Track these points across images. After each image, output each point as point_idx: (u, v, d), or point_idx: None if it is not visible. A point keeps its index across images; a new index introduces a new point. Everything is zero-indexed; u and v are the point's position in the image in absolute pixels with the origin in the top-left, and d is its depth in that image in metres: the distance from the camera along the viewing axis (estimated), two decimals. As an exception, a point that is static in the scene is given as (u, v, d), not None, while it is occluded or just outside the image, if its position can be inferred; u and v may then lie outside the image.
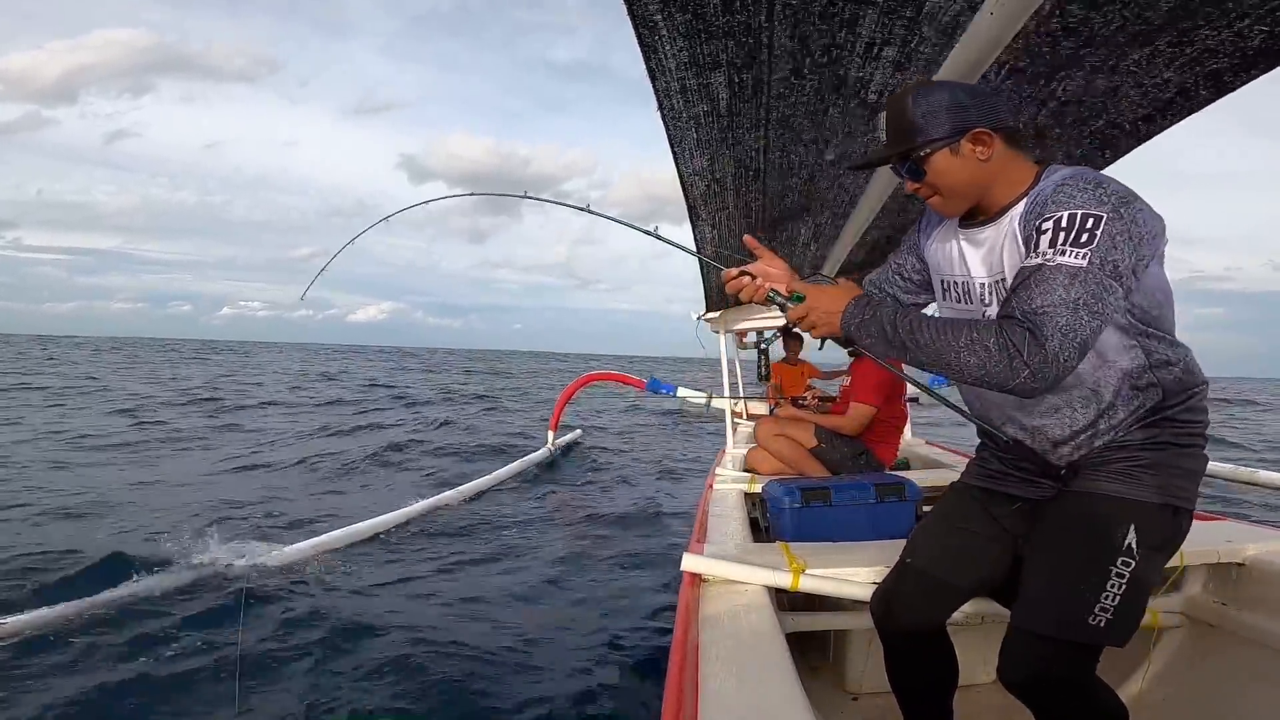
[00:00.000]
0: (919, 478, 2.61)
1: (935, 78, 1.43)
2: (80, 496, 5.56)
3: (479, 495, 6.18)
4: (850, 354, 1.38)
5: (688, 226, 2.65)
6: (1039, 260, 0.98)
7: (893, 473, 2.94)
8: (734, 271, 1.24)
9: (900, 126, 1.13)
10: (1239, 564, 1.61)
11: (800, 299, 1.18)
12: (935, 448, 4.07)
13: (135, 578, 3.44)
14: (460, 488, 6.11)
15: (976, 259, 1.17)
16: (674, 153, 1.86)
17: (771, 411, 3.84)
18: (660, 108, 1.58)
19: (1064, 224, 0.97)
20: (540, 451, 8.55)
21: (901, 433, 3.38)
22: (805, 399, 3.48)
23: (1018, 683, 1.15)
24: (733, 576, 1.48)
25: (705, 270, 3.50)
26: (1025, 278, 0.99)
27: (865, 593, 1.47)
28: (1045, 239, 0.98)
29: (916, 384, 1.39)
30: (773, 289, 1.20)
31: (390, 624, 3.20)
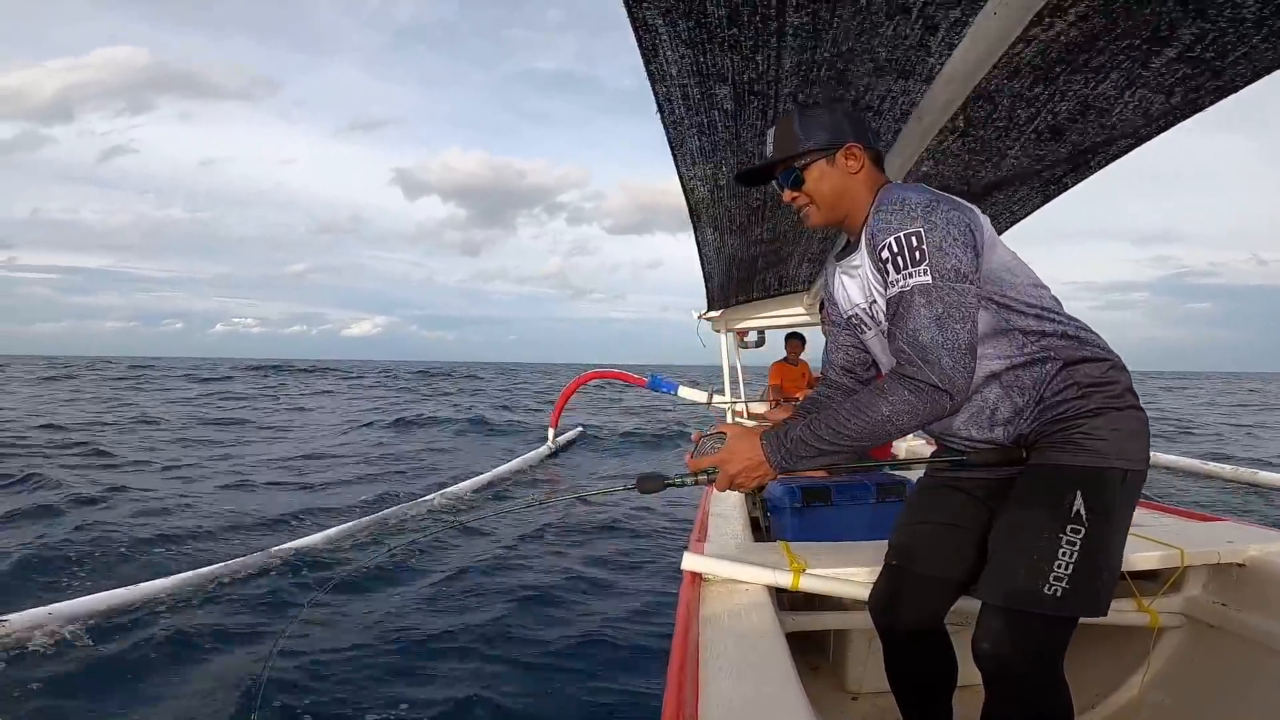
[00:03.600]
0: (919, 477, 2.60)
1: (937, 81, 1.47)
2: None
3: (479, 492, 6.19)
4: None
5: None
6: (896, 290, 1.09)
7: (893, 473, 2.93)
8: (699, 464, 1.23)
9: (787, 138, 1.24)
10: (1239, 564, 1.61)
11: (715, 472, 1.19)
12: (935, 446, 4.03)
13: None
14: (457, 485, 6.11)
15: (855, 288, 1.28)
16: (674, 157, 1.86)
17: (774, 407, 3.85)
18: (660, 112, 1.57)
19: (895, 249, 1.09)
20: (541, 449, 8.56)
21: None
22: (785, 402, 3.46)
23: (983, 657, 1.14)
24: (733, 576, 1.48)
25: (706, 267, 3.51)
26: (893, 310, 1.11)
27: (865, 593, 1.47)
28: (890, 267, 1.10)
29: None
30: (695, 473, 1.23)
31: (386, 624, 3.21)
